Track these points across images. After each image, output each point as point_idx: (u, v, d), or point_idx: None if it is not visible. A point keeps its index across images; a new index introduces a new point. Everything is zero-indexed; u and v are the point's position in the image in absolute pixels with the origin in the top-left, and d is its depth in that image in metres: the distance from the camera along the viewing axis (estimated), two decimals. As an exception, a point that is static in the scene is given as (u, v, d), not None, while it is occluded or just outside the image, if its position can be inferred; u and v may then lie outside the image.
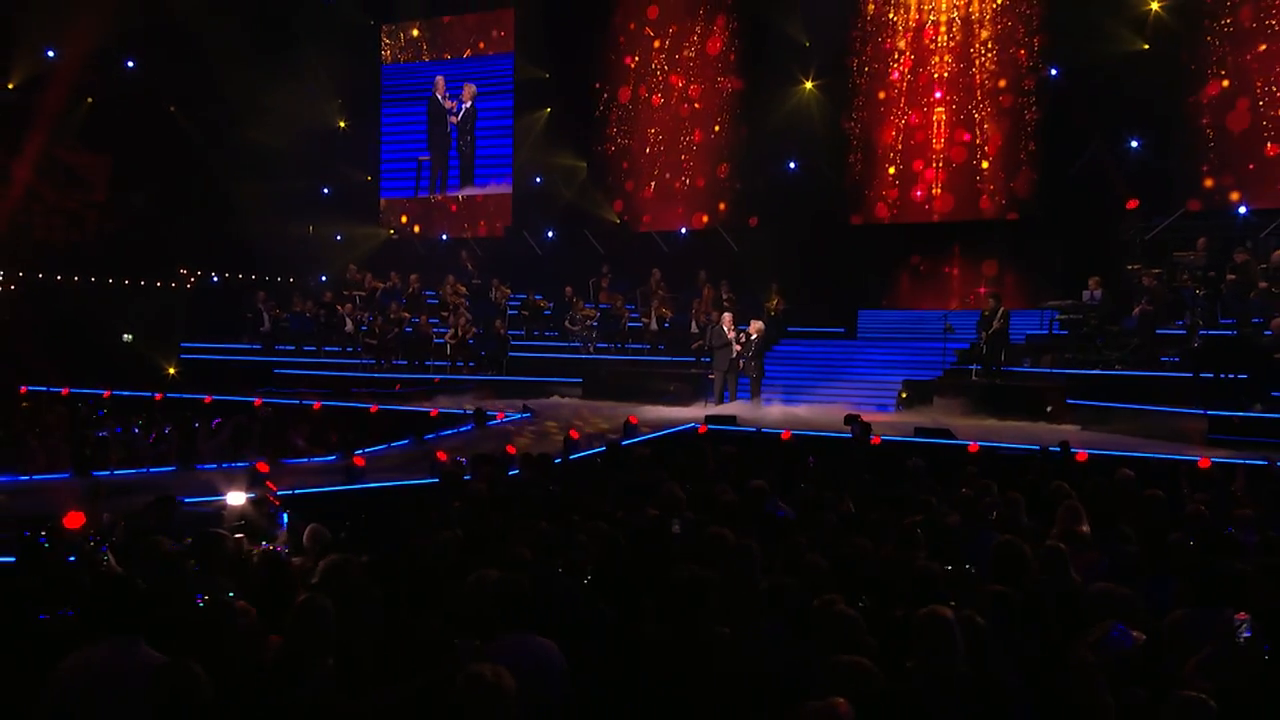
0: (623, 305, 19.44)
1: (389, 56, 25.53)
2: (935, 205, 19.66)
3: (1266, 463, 9.25)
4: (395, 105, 25.33)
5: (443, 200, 24.95)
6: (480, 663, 3.28)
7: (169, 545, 5.69)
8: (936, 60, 19.56)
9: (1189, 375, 13.19)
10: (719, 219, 21.46)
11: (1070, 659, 3.85)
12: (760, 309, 17.51)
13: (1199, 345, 13.68)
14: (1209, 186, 17.14)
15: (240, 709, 3.57)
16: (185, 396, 16.37)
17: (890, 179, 19.95)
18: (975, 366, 15.22)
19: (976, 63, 19.20)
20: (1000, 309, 15.14)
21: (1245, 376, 12.49)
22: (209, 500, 7.96)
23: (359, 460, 10.73)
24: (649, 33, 22.31)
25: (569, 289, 20.04)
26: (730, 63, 21.47)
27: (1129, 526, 6.24)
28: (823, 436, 11.98)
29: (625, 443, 11.19)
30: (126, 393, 16.49)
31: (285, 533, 6.78)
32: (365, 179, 25.53)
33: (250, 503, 7.29)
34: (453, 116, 24.61)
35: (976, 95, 19.22)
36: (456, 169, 24.69)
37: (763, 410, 14.75)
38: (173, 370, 20.20)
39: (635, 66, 22.45)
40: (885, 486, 8.24)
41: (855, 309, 19.24)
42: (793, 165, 20.53)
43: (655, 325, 18.91)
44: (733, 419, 13.17)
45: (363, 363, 19.42)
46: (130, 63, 21.86)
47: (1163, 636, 4.44)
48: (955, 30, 19.39)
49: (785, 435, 11.57)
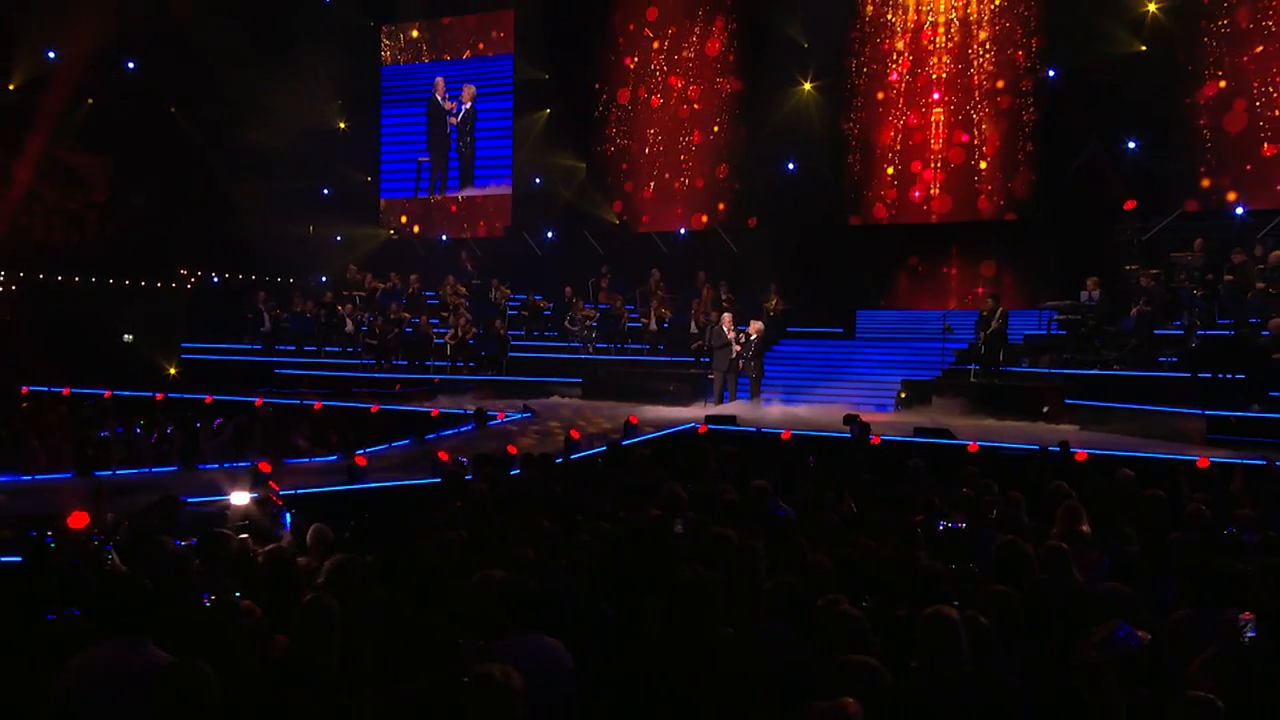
0: (622, 305, 19.45)
1: (389, 57, 25.55)
2: (933, 206, 19.71)
3: (1265, 462, 9.22)
4: (395, 106, 25.35)
5: (442, 201, 24.97)
6: (489, 662, 3.27)
7: (173, 545, 5.73)
8: (935, 61, 19.59)
9: (1187, 375, 13.20)
10: (718, 219, 21.49)
11: (1079, 659, 3.82)
12: (759, 309, 17.51)
13: (1197, 345, 13.69)
14: (1206, 187, 17.19)
15: (247, 709, 3.55)
16: (186, 396, 16.38)
17: (889, 179, 19.98)
18: (974, 366, 15.20)
19: (975, 64, 19.24)
20: (999, 309, 15.14)
21: (1243, 377, 12.52)
22: (212, 500, 7.95)
23: (361, 460, 10.73)
24: (648, 34, 22.35)
25: (568, 289, 20.05)
26: (729, 64, 21.50)
27: (1129, 526, 6.23)
28: (822, 436, 11.98)
29: (626, 443, 11.18)
30: (127, 393, 16.48)
31: (290, 533, 6.80)
32: (365, 180, 25.55)
33: (254, 503, 7.31)
34: (452, 117, 24.63)
35: (975, 96, 19.26)
36: (456, 170, 24.71)
37: (762, 410, 14.76)
38: (173, 370, 20.20)
39: (634, 67, 22.48)
40: (885, 486, 8.25)
41: (854, 309, 19.23)
42: (791, 166, 20.55)
43: (655, 325, 18.93)
44: (733, 419, 13.17)
45: (363, 363, 19.44)
46: (131, 63, 21.87)
47: (1165, 636, 4.42)
48: (954, 31, 19.42)
49: (785, 435, 11.57)
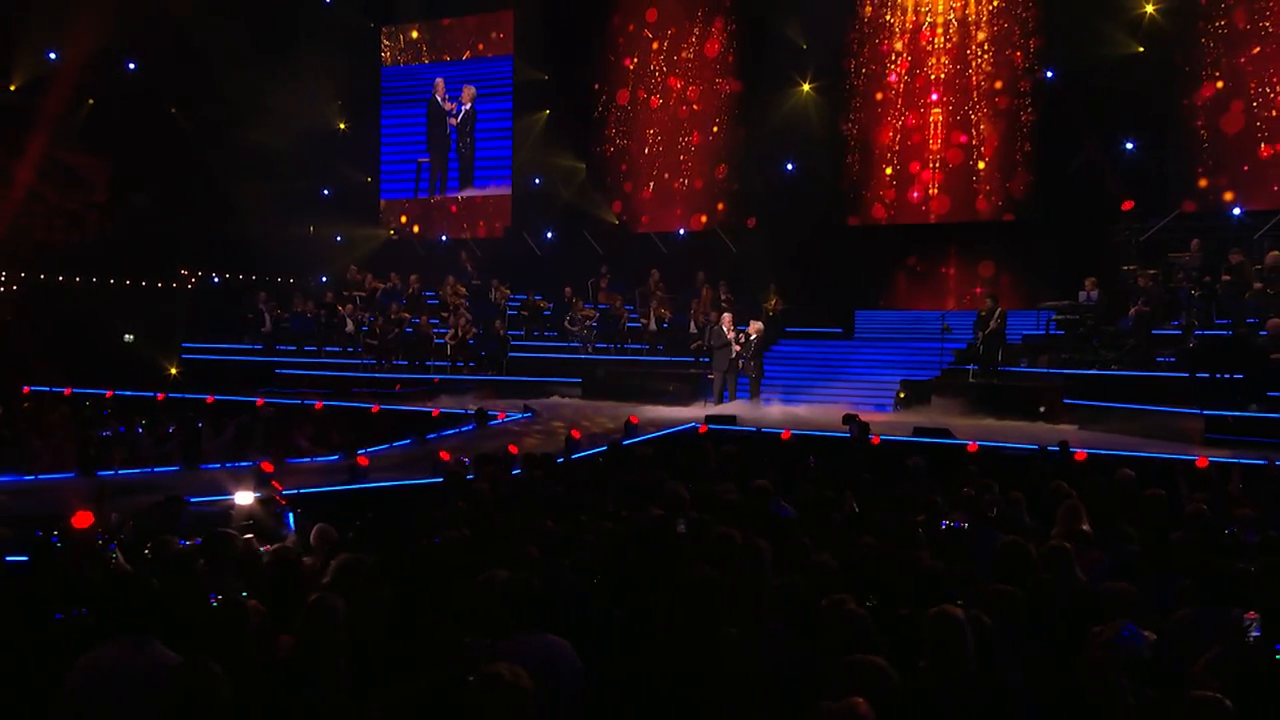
0: (621, 306, 19.48)
1: (389, 58, 25.59)
2: (932, 206, 19.74)
3: (1265, 462, 9.23)
4: (395, 107, 25.39)
5: (442, 201, 25.01)
6: (497, 662, 3.27)
7: (178, 545, 5.75)
8: (933, 62, 19.62)
9: (1185, 375, 13.24)
10: (717, 220, 21.52)
11: (1088, 659, 3.80)
12: (758, 309, 17.56)
13: (1195, 345, 13.74)
14: (1203, 187, 17.22)
15: (255, 708, 3.55)
16: (187, 396, 16.42)
17: (887, 180, 20.02)
18: (972, 366, 15.22)
19: (973, 65, 19.27)
20: (997, 309, 15.15)
21: (1241, 377, 12.57)
22: (216, 500, 7.98)
23: (363, 460, 10.79)
24: (647, 35, 22.38)
25: (568, 289, 20.09)
26: (728, 65, 21.53)
27: (1130, 526, 6.23)
28: (822, 436, 12.02)
29: (626, 442, 11.20)
30: (128, 393, 16.52)
31: (295, 533, 6.82)
32: (365, 180, 25.58)
33: (258, 502, 7.34)
34: (452, 118, 24.66)
35: (973, 97, 19.29)
36: (456, 170, 24.74)
37: (762, 410, 14.80)
38: (174, 370, 20.25)
39: (634, 68, 22.51)
40: (886, 486, 8.27)
41: (853, 309, 19.26)
42: (790, 167, 20.59)
43: (654, 325, 18.97)
44: (733, 419, 13.22)
45: (363, 363, 19.49)
46: (131, 64, 21.90)
47: (1169, 636, 4.42)
48: (952, 32, 19.46)
49: (785, 435, 11.60)
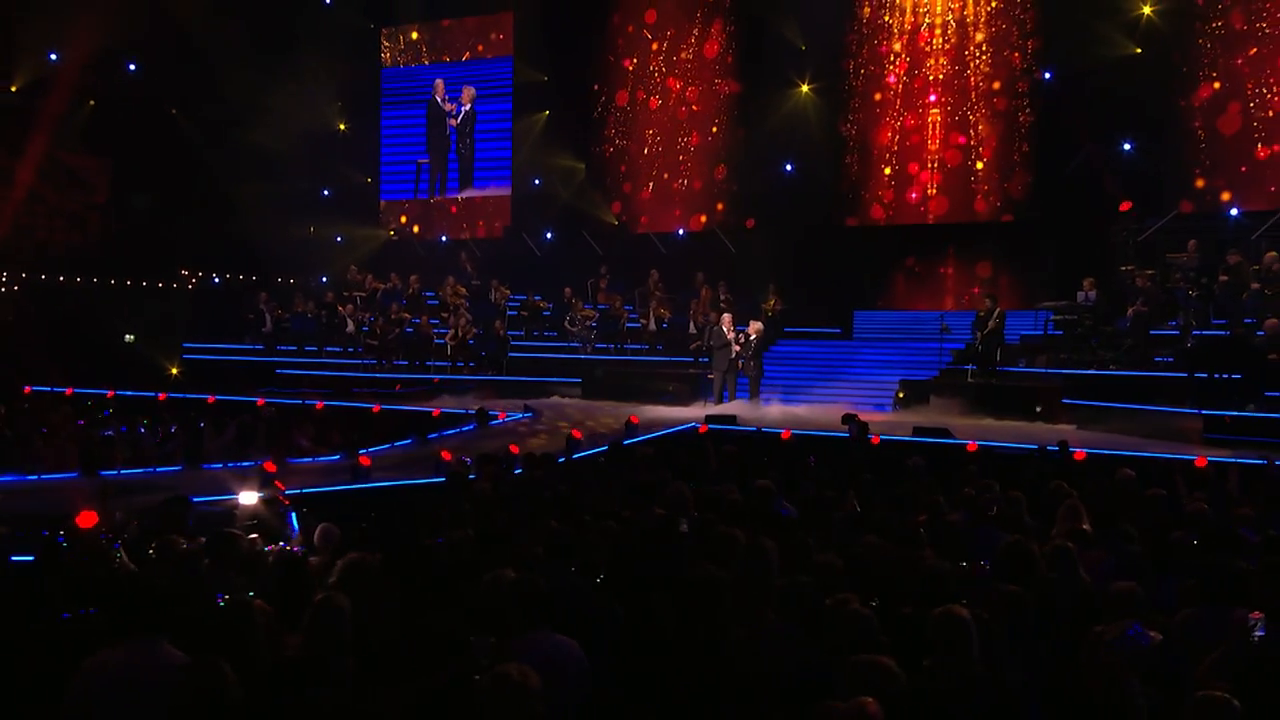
0: (621, 306, 19.51)
1: (388, 59, 25.62)
2: (930, 207, 19.78)
3: (1265, 462, 9.22)
4: (395, 108, 25.42)
5: (442, 201, 25.05)
6: (506, 662, 3.27)
7: (183, 545, 5.78)
8: (931, 63, 19.65)
9: (1183, 375, 13.30)
10: (716, 220, 21.55)
11: (1097, 660, 3.80)
12: (757, 310, 17.56)
13: (1192, 345, 13.81)
14: (1201, 188, 17.26)
15: (263, 708, 3.54)
16: (189, 396, 16.45)
17: (886, 181, 20.04)
18: (971, 366, 15.23)
19: (971, 66, 19.29)
20: (996, 309, 15.14)
21: (1239, 377, 12.62)
22: (220, 500, 7.97)
23: (364, 460, 10.83)
24: (647, 35, 22.41)
25: (568, 290, 20.11)
26: (727, 66, 21.57)
27: (1130, 526, 6.24)
28: (822, 436, 12.05)
29: (627, 442, 11.22)
30: (130, 393, 16.54)
31: (301, 533, 6.85)
32: (365, 181, 25.62)
33: (262, 502, 7.35)
34: (452, 119, 24.69)
35: (971, 98, 19.31)
36: (455, 171, 24.78)
37: (762, 410, 14.81)
38: (175, 370, 20.28)
39: (633, 69, 22.54)
40: (886, 486, 8.30)
41: (851, 310, 19.24)
42: (789, 167, 20.61)
43: (654, 326, 19.01)
44: (733, 418, 13.24)
45: (364, 363, 19.52)
46: (132, 65, 21.97)
47: (1172, 635, 4.42)
48: (950, 33, 19.49)
49: (785, 435, 11.62)
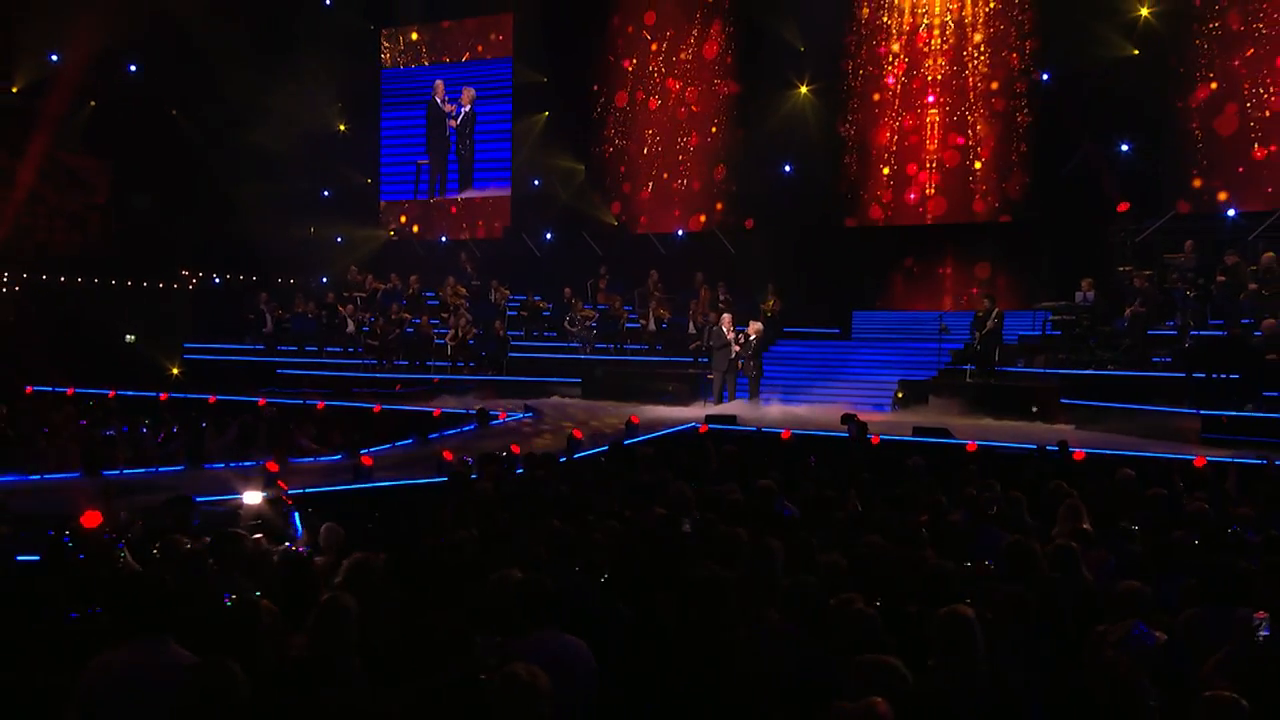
0: (621, 306, 19.55)
1: (388, 60, 25.65)
2: (929, 207, 19.81)
3: (1264, 462, 9.24)
4: (395, 109, 25.45)
5: (442, 202, 25.08)
6: (515, 662, 3.29)
7: (188, 544, 5.81)
8: (930, 64, 19.69)
9: (1181, 375, 13.35)
10: (715, 221, 21.59)
11: (1103, 660, 3.81)
12: (756, 310, 17.60)
13: (1190, 346, 13.85)
14: (1198, 189, 17.28)
15: (269, 708, 3.53)
16: (190, 396, 16.49)
17: (884, 181, 20.08)
18: (969, 366, 15.27)
19: (969, 66, 19.32)
20: (994, 309, 15.18)
21: (1237, 377, 12.66)
22: (223, 499, 8.00)
23: (366, 460, 10.87)
24: (646, 36, 22.44)
25: (567, 290, 20.14)
26: (726, 66, 21.60)
27: (1131, 525, 6.27)
28: (822, 436, 12.09)
29: (628, 442, 11.25)
30: (131, 393, 16.57)
31: (304, 533, 6.88)
32: (365, 181, 25.64)
33: (266, 502, 7.37)
34: (452, 120, 24.72)
35: (969, 98, 19.34)
36: (455, 171, 24.81)
37: (762, 410, 14.84)
38: (176, 370, 20.32)
39: (632, 70, 22.57)
40: (886, 485, 8.33)
41: (850, 310, 19.27)
42: (788, 168, 20.64)
43: (653, 326, 19.05)
44: (733, 418, 13.28)
45: (364, 363, 19.57)
46: (132, 66, 21.98)
47: (1176, 635, 4.43)
48: (948, 34, 19.53)
49: (785, 435, 11.66)
